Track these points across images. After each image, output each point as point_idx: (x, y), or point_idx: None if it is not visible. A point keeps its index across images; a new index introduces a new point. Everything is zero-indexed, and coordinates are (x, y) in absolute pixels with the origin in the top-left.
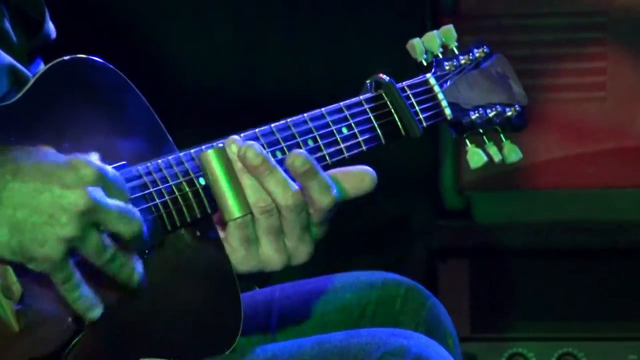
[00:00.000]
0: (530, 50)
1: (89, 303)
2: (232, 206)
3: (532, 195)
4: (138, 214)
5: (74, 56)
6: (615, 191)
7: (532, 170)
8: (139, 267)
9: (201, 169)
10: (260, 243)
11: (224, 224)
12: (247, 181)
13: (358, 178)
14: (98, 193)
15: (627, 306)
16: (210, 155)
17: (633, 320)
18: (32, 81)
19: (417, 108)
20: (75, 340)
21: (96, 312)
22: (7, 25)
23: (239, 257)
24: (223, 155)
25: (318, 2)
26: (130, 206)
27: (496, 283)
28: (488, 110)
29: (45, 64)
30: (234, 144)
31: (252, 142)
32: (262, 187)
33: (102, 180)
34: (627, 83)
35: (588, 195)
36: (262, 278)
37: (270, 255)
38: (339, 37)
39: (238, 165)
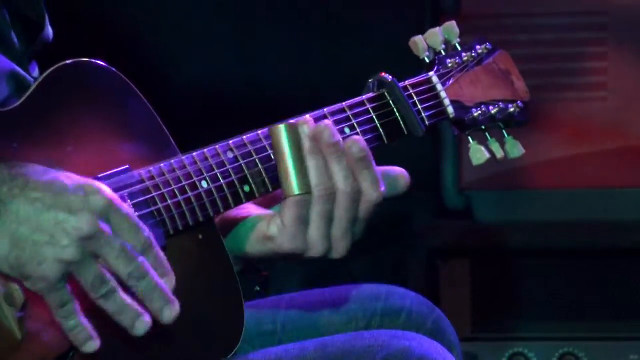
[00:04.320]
0: (531, 50)
1: (85, 335)
2: (294, 183)
3: (533, 195)
4: (141, 258)
5: (76, 60)
6: (615, 191)
7: (533, 170)
8: (142, 322)
9: (270, 144)
10: (311, 226)
11: (278, 200)
12: (313, 162)
13: (394, 178)
14: (104, 224)
15: (627, 306)
16: (280, 130)
17: (634, 320)
18: (34, 86)
19: (419, 107)
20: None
21: (92, 345)
22: (10, 29)
23: (288, 235)
24: (294, 132)
25: (319, 2)
26: (135, 248)
27: (497, 283)
28: (490, 107)
29: (42, 66)
30: (308, 123)
31: (329, 122)
32: (327, 171)
33: (112, 211)
34: (629, 83)
35: (588, 195)
36: (262, 278)
37: (316, 240)
38: (339, 37)
39: (307, 145)
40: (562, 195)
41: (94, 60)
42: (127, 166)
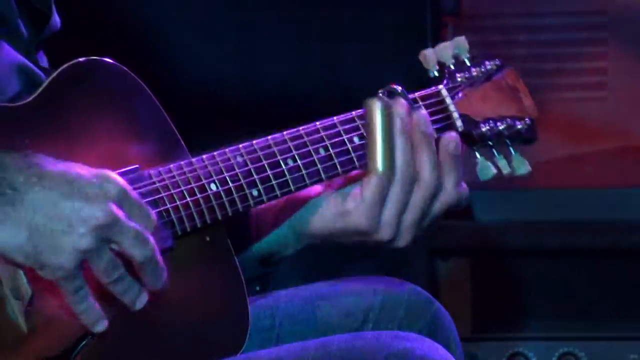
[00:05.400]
0: (531, 50)
1: (96, 316)
2: (380, 159)
3: (533, 195)
4: (153, 241)
5: (89, 58)
6: (615, 191)
7: (533, 170)
8: (143, 297)
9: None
10: (386, 206)
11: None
12: (401, 142)
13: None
14: (119, 211)
15: (627, 306)
16: (375, 105)
17: (633, 319)
18: (46, 82)
19: None
20: (83, 342)
21: (101, 325)
22: (18, 20)
23: (365, 210)
24: (388, 109)
25: (319, 2)
26: (147, 232)
27: (497, 283)
28: (499, 123)
29: (49, 58)
30: (404, 106)
31: (425, 112)
32: (413, 155)
33: (125, 199)
34: (628, 82)
35: (588, 195)
36: (263, 279)
37: (388, 222)
38: (339, 37)
39: (398, 124)
40: (562, 195)
41: (106, 59)
42: (137, 166)
